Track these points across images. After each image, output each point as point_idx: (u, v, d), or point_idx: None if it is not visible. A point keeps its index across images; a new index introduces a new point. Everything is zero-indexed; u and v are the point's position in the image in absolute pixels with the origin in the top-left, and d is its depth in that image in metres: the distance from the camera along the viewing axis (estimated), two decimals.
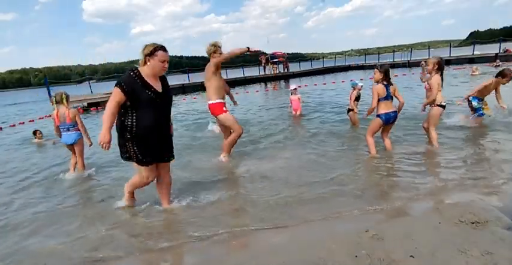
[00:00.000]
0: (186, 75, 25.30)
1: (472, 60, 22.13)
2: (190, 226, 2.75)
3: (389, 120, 4.08)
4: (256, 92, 17.11)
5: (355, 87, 6.10)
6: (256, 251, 2.32)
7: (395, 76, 16.88)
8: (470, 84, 10.72)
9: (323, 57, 44.60)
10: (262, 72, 26.15)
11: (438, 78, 4.14)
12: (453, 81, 12.25)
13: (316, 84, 17.56)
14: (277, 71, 26.41)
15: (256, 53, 3.90)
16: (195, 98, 15.61)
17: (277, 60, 26.86)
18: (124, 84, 2.59)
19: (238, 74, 24.82)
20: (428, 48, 30.38)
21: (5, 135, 9.41)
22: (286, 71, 26.97)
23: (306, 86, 16.86)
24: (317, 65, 35.15)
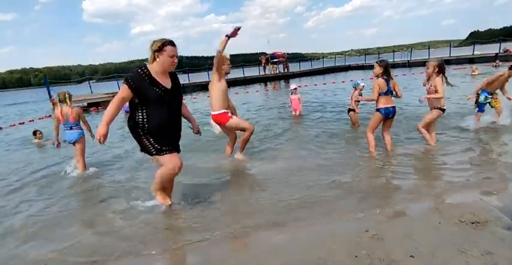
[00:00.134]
0: (186, 75, 25.31)
1: (472, 60, 22.14)
2: (191, 226, 2.75)
3: (388, 114, 4.11)
4: (256, 91, 17.12)
5: (357, 88, 6.11)
6: (256, 251, 2.32)
7: (395, 76, 16.86)
8: (470, 84, 10.71)
9: (323, 57, 44.62)
10: (262, 72, 26.15)
11: (440, 80, 4.20)
12: (453, 81, 12.23)
13: (316, 84, 17.56)
14: (277, 71, 26.40)
15: (237, 33, 3.86)
16: (195, 98, 15.62)
17: (277, 60, 26.85)
18: (131, 80, 2.58)
19: (238, 74, 24.79)
20: (428, 48, 30.35)
21: (5, 135, 9.40)
22: (286, 71, 26.96)
23: (306, 86, 16.86)
24: (317, 65, 35.15)
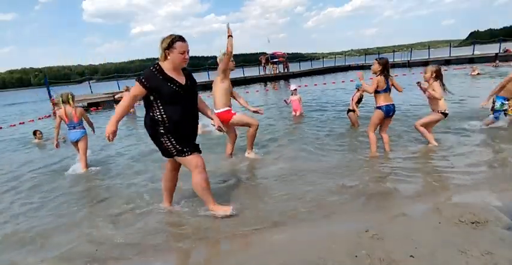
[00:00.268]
0: None
1: (472, 60, 22.16)
2: (190, 226, 2.75)
3: (389, 112, 4.14)
4: (257, 91, 17.13)
5: (359, 89, 6.10)
6: (256, 251, 2.32)
7: (395, 76, 16.86)
8: (470, 84, 10.73)
9: (323, 57, 44.61)
10: (262, 72, 26.16)
11: (437, 84, 4.24)
12: (453, 81, 12.25)
13: (316, 84, 17.56)
14: (277, 71, 26.41)
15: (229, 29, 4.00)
16: None
17: (277, 60, 26.87)
18: (144, 78, 2.54)
19: (238, 74, 24.78)
20: (428, 48, 30.32)
21: (5, 135, 9.41)
22: (286, 71, 26.97)
23: (306, 86, 16.87)
24: (317, 65, 35.16)
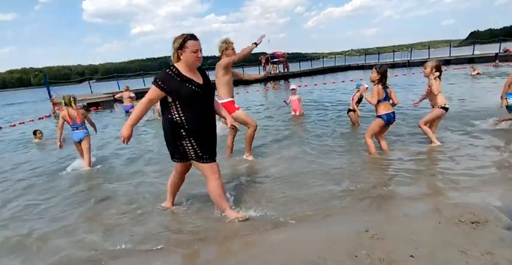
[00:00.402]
0: None
1: (472, 60, 22.17)
2: (190, 226, 2.75)
3: (390, 120, 4.14)
4: (257, 91, 17.14)
5: (360, 88, 6.09)
6: (256, 251, 2.32)
7: (395, 76, 16.88)
8: (470, 84, 10.73)
9: (323, 57, 44.56)
10: (262, 72, 26.13)
11: (436, 80, 4.22)
12: (453, 81, 12.25)
13: (316, 84, 17.56)
14: (277, 71, 26.39)
15: (261, 41, 4.23)
16: None
17: (277, 60, 26.85)
18: (160, 81, 2.50)
19: None
20: (428, 48, 30.35)
21: (5, 134, 9.41)
22: (286, 70, 26.96)
23: (306, 85, 16.87)
24: (317, 64, 35.13)
